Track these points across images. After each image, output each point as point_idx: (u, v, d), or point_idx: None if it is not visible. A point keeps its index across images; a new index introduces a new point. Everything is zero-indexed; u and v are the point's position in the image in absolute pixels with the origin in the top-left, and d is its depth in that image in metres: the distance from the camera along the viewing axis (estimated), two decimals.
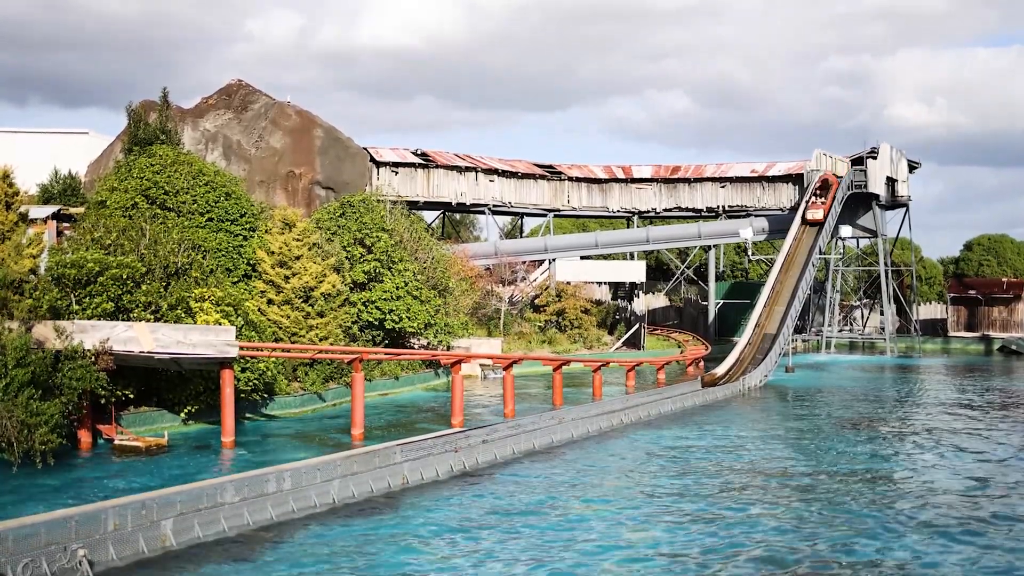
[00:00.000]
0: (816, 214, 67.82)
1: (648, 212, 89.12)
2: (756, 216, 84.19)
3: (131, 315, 35.34)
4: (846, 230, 79.97)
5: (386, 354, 46.37)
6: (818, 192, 76.89)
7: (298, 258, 45.80)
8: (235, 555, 20.28)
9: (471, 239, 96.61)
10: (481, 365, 57.35)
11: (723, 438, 36.70)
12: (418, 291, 52.17)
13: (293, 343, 43.57)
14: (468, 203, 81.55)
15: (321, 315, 45.74)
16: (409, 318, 51.04)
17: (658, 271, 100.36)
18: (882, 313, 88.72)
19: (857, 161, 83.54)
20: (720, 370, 54.63)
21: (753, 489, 27.44)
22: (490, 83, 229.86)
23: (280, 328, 44.26)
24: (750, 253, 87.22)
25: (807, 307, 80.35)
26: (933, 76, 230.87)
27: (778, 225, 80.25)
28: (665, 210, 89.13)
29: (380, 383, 48.79)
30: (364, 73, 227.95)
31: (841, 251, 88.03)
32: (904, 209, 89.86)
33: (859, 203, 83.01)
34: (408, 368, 51.82)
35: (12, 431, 27.83)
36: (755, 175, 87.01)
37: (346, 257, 49.94)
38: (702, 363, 64.02)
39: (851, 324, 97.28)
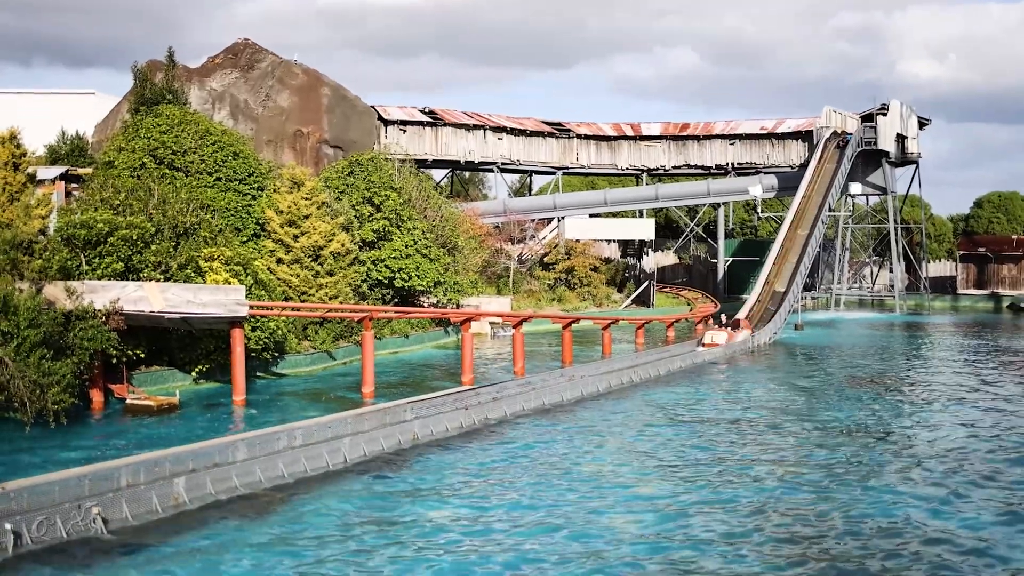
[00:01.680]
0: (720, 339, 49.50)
1: (657, 170, 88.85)
2: (765, 173, 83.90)
3: (141, 275, 35.40)
4: (856, 187, 79.68)
5: (396, 312, 46.46)
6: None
7: (307, 217, 45.78)
8: (248, 513, 20.42)
9: (480, 197, 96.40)
10: (491, 323, 57.44)
11: (732, 395, 36.78)
12: (427, 249, 52.15)
13: (303, 302, 43.65)
14: (477, 161, 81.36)
15: (331, 274, 45.78)
16: (419, 276, 51.06)
17: (667, 229, 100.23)
18: (891, 271, 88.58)
19: (867, 118, 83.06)
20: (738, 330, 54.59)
21: (762, 446, 27.52)
22: (496, 41, 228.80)
23: (290, 287, 44.34)
24: (759, 210, 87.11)
25: (816, 264, 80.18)
26: (944, 31, 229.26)
27: (787, 182, 79.98)
28: (674, 167, 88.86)
29: (390, 341, 48.91)
30: (370, 31, 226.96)
31: (851, 208, 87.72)
32: (914, 166, 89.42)
33: (869, 160, 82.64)
34: (418, 326, 51.92)
35: (25, 391, 27.98)
36: (764, 132, 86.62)
37: (355, 216, 49.90)
38: (711, 320, 64.04)
39: (860, 281, 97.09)
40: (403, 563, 17.57)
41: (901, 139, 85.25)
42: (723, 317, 50.76)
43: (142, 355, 35.41)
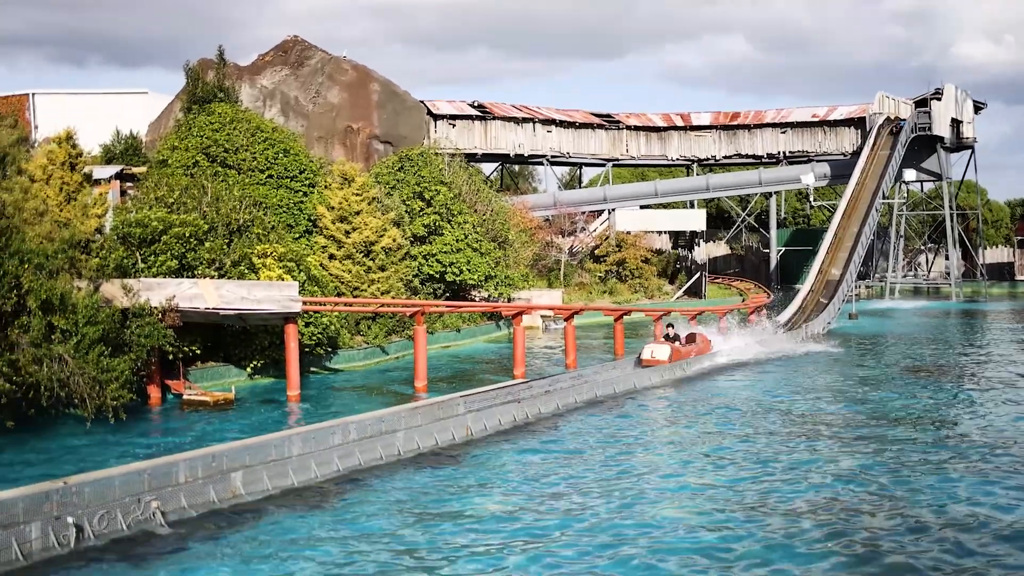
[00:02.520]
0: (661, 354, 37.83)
1: (708, 160, 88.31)
2: (818, 161, 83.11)
3: (195, 272, 35.82)
4: (910, 174, 78.70)
5: (447, 307, 46.60)
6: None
7: (358, 213, 46.04)
8: (303, 506, 20.60)
9: (530, 190, 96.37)
10: (542, 316, 57.43)
11: (786, 386, 36.51)
12: (478, 243, 52.24)
13: (355, 297, 43.91)
14: (526, 154, 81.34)
15: (382, 269, 46.01)
16: (469, 270, 51.16)
17: (719, 219, 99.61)
18: (947, 258, 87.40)
19: (921, 103, 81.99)
20: (782, 318, 54.22)
21: (818, 437, 27.29)
22: (545, 32, 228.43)
23: (342, 282, 44.64)
24: (812, 199, 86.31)
25: (870, 253, 79.32)
26: (999, 13, 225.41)
27: (840, 170, 79.18)
28: (725, 157, 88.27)
29: (442, 335, 49.07)
30: (417, 25, 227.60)
31: (905, 195, 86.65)
32: (970, 151, 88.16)
33: (923, 146, 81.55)
34: (469, 320, 52.03)
35: (84, 387, 28.42)
36: (816, 120, 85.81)
37: (406, 211, 50.10)
38: (764, 311, 63.61)
39: (915, 269, 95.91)
40: (456, 557, 17.64)
41: (956, 124, 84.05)
42: (670, 329, 40.25)
43: (198, 351, 35.84)
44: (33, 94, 68.95)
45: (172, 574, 16.78)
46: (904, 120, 78.59)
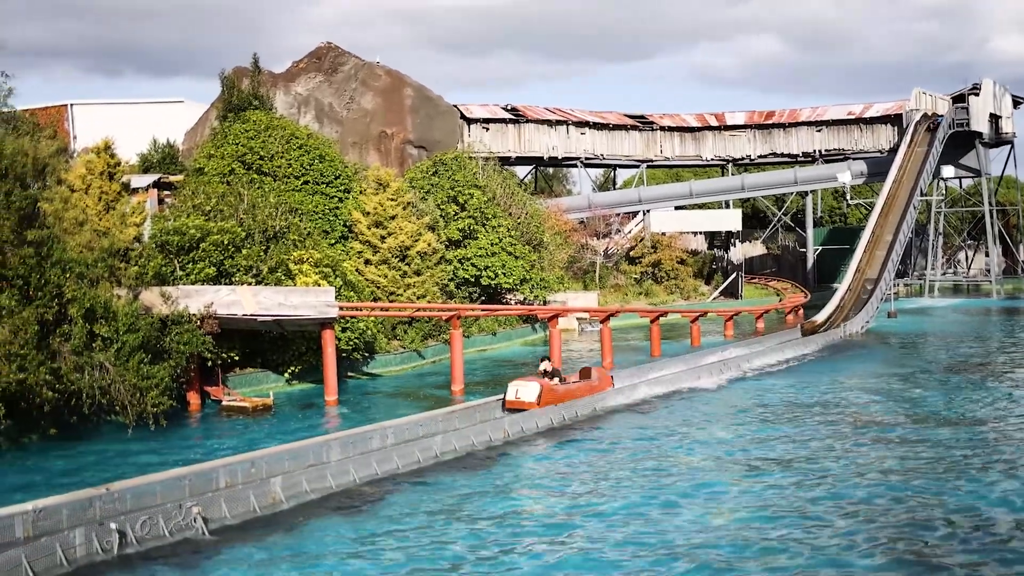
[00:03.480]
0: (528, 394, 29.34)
1: (742, 159, 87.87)
2: (854, 159, 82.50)
3: (233, 279, 36.07)
4: (948, 170, 77.93)
5: (483, 310, 46.69)
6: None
7: (393, 218, 46.20)
8: (343, 511, 20.67)
9: (564, 193, 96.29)
10: (578, 319, 57.39)
11: (825, 386, 36.23)
12: (513, 247, 52.27)
13: (391, 302, 44.06)
14: (560, 157, 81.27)
15: (418, 273, 46.15)
16: (504, 274, 51.21)
17: (754, 219, 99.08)
18: (987, 254, 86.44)
19: (958, 99, 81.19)
20: (820, 317, 53.87)
21: (858, 438, 27.08)
22: (575, 34, 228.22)
23: (378, 287, 44.81)
24: (848, 197, 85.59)
25: (909, 250, 78.62)
26: None
27: (877, 168, 78.51)
28: (760, 156, 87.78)
29: (478, 339, 49.13)
30: (448, 30, 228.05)
31: (943, 192, 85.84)
32: (1009, 146, 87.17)
33: (961, 142, 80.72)
34: (505, 324, 52.08)
35: (125, 395, 28.70)
36: (852, 117, 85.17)
37: (440, 215, 50.23)
38: (801, 311, 63.23)
39: (955, 267, 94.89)
40: (495, 559, 17.65)
41: (995, 119, 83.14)
42: (545, 365, 30.31)
43: (236, 358, 36.08)
44: (71, 105, 69.71)
45: None
46: (941, 116, 77.84)
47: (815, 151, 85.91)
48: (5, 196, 28.46)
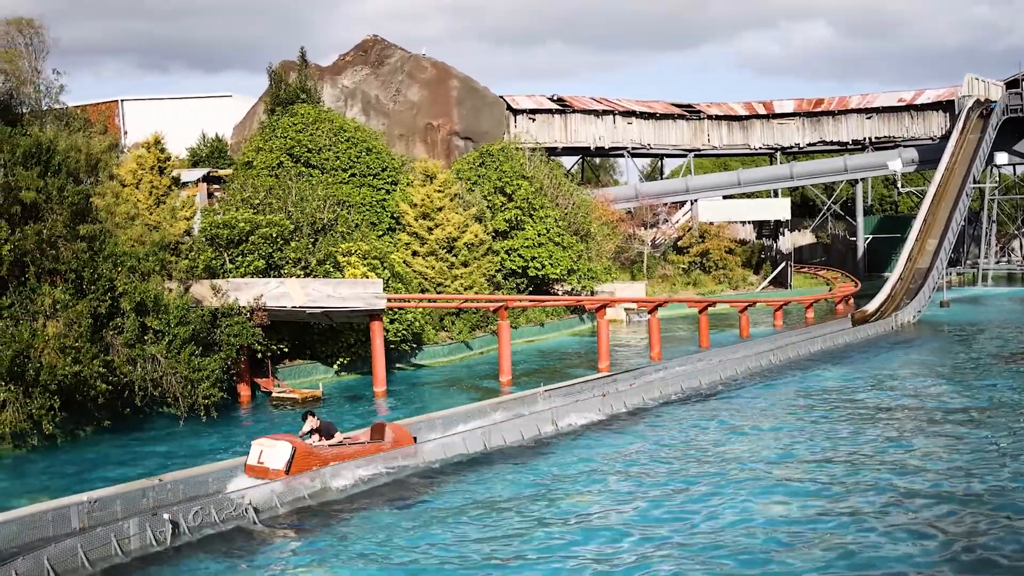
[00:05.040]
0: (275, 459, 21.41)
1: (791, 148, 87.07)
2: (905, 147, 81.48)
3: (282, 271, 36.35)
4: (1002, 157, 76.72)
5: (530, 301, 46.65)
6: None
7: (440, 209, 46.28)
8: (391, 501, 20.76)
9: (611, 183, 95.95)
10: (626, 309, 57.18)
11: (876, 376, 35.85)
12: (560, 237, 52.18)
13: (439, 293, 44.16)
14: (607, 147, 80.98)
15: (465, 265, 46.21)
16: (552, 264, 51.14)
17: (803, 207, 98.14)
18: None
19: (1012, 84, 79.83)
20: (871, 307, 53.31)
21: (911, 428, 26.79)
22: (621, 24, 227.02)
23: (425, 279, 44.93)
24: (899, 185, 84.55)
25: (961, 239, 77.46)
26: None
27: (929, 155, 77.47)
28: (809, 145, 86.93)
29: (525, 330, 49.12)
30: (494, 21, 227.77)
31: (997, 179, 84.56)
32: None
33: (1015, 128, 79.40)
34: (553, 314, 52.03)
35: (177, 386, 29.05)
36: (902, 104, 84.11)
37: (487, 206, 50.24)
38: (852, 300, 62.57)
39: (1009, 255, 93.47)
40: (542, 548, 17.64)
41: None
42: (312, 422, 22.52)
43: (286, 349, 36.38)
44: (122, 101, 70.46)
45: (265, 569, 17.03)
46: (995, 102, 76.59)
47: (865, 139, 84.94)
48: (58, 192, 28.86)
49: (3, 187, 27.67)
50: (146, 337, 29.14)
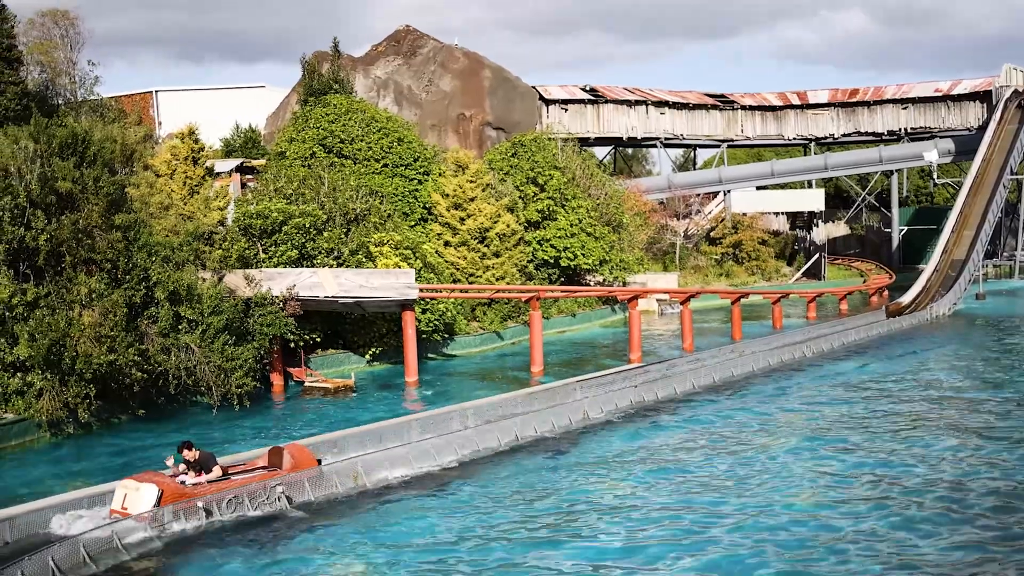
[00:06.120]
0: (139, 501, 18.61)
1: (825, 138, 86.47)
2: (941, 137, 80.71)
3: (314, 261, 36.49)
4: None
5: (562, 292, 46.62)
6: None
7: (472, 199, 46.30)
8: (423, 491, 20.81)
9: (643, 173, 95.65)
10: (658, 300, 57.06)
11: (910, 369, 35.57)
12: (592, 228, 52.10)
13: (470, 283, 44.20)
14: (639, 137, 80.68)
15: (497, 255, 46.21)
16: (584, 255, 51.07)
17: (837, 199, 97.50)
18: None
19: None
20: (906, 299, 52.89)
21: (945, 423, 26.55)
22: (657, 13, 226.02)
23: (457, 269, 44.99)
24: (935, 176, 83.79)
25: (998, 230, 76.58)
26: None
27: (965, 146, 76.71)
28: (843, 135, 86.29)
29: (557, 321, 49.09)
30: (528, 10, 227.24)
31: None
32: None
33: None
34: (585, 305, 51.96)
35: (210, 375, 29.25)
36: (939, 94, 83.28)
37: (519, 196, 50.20)
38: (886, 292, 62.17)
39: None
40: (575, 538, 17.64)
41: None
42: (188, 451, 19.51)
43: (318, 339, 36.53)
44: (156, 91, 70.84)
45: (297, 558, 17.11)
46: None
47: (900, 129, 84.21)
48: (94, 182, 29.07)
49: (40, 178, 27.91)
50: (180, 326, 29.35)
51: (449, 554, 17.10)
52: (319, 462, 20.90)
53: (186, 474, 19.16)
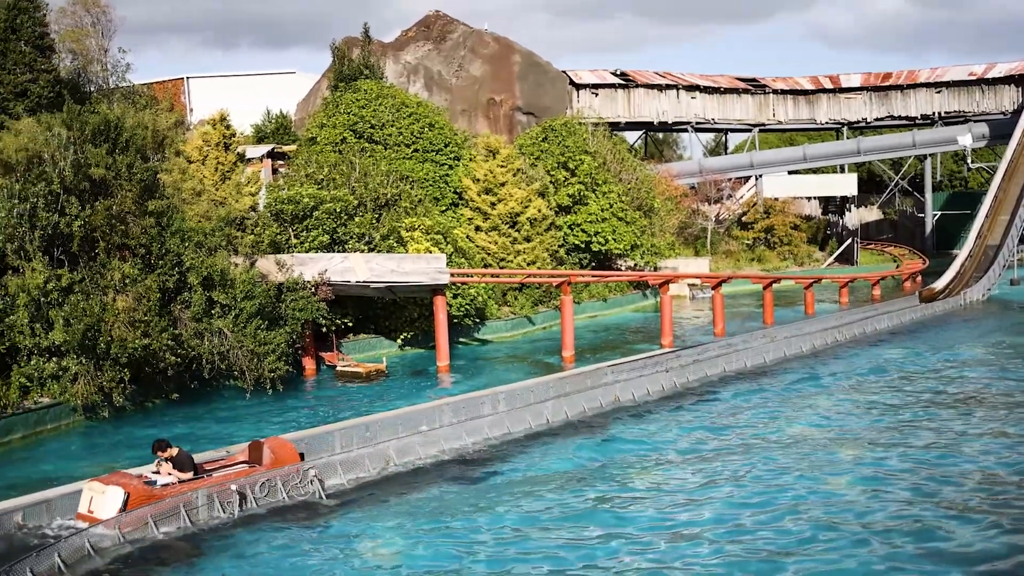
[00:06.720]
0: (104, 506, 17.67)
1: (858, 123, 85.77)
2: (975, 121, 79.91)
3: (346, 247, 36.58)
4: None
5: (593, 276, 46.54)
6: None
7: (503, 184, 46.26)
8: (454, 475, 20.85)
9: (674, 158, 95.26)
10: (689, 285, 56.86)
11: (944, 355, 35.28)
12: (623, 212, 51.95)
13: (501, 268, 44.21)
14: (670, 122, 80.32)
15: (528, 240, 46.18)
16: (615, 240, 50.94)
17: (870, 183, 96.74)
18: None
19: None
20: (939, 284, 52.46)
21: (979, 411, 26.34)
22: None
23: (488, 254, 44.99)
24: (969, 161, 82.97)
25: None
26: None
27: (1000, 130, 75.90)
28: (876, 119, 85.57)
29: (588, 305, 49.02)
30: None
31: None
32: None
33: None
34: (616, 290, 51.86)
35: (243, 360, 29.41)
36: (973, 78, 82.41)
37: (550, 181, 50.11)
38: (919, 277, 61.67)
39: None
40: (606, 524, 17.62)
41: None
42: (169, 452, 18.70)
43: (350, 324, 36.67)
44: (187, 78, 71.19)
45: (331, 542, 17.18)
46: None
47: (934, 113, 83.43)
48: (127, 168, 29.25)
49: (73, 164, 28.09)
50: (213, 311, 29.50)
51: (485, 536, 17.15)
52: (302, 457, 20.04)
53: (157, 473, 18.41)
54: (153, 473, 18.42)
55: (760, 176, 76.18)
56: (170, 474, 18.28)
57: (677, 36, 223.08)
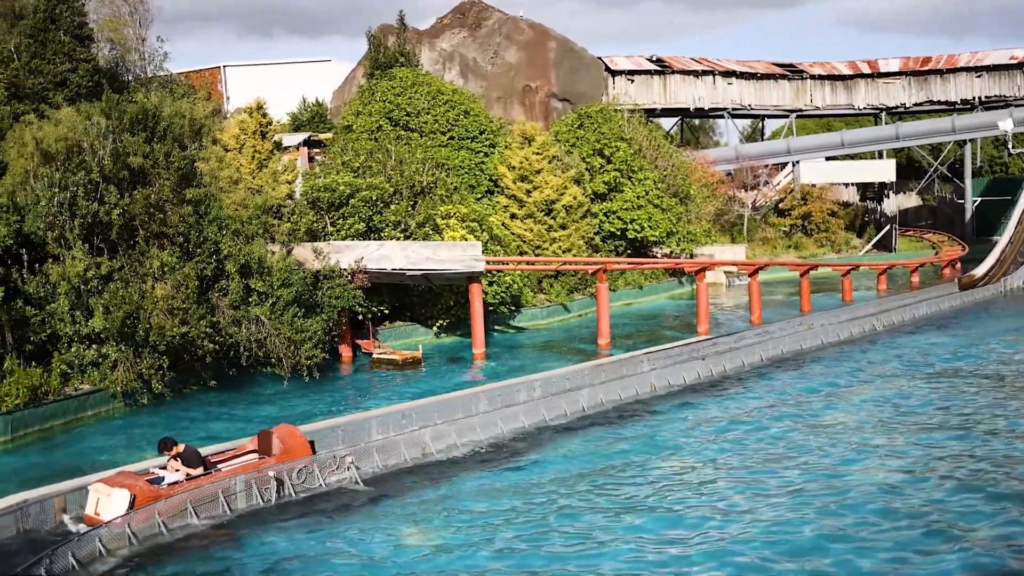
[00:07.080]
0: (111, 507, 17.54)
1: (896, 108, 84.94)
2: (1016, 106, 78.92)
3: (381, 234, 36.68)
4: None
5: (629, 264, 46.42)
6: None
7: (539, 172, 46.20)
8: (491, 462, 20.91)
9: (711, 144, 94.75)
10: (725, 272, 56.59)
11: (983, 343, 34.93)
12: (659, 199, 51.76)
13: (537, 256, 44.18)
14: (706, 108, 79.89)
15: (563, 227, 46.11)
16: (651, 227, 50.77)
17: (909, 169, 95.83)
18: None
19: None
20: (979, 271, 51.93)
21: (1020, 400, 26.07)
22: None
23: (524, 241, 44.97)
24: (1010, 146, 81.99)
25: None
26: None
27: None
28: (915, 105, 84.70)
29: (624, 293, 48.91)
30: None
31: None
32: None
33: None
34: (651, 277, 51.71)
35: (280, 347, 29.59)
36: (1015, 62, 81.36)
37: (586, 168, 49.99)
38: (959, 264, 61.06)
39: None
40: (641, 510, 17.62)
41: None
42: (178, 448, 18.43)
43: (386, 311, 36.79)
44: (224, 67, 71.46)
45: (367, 528, 17.28)
46: None
47: (974, 98, 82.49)
48: (165, 157, 29.46)
49: (112, 153, 28.33)
50: (250, 299, 29.69)
51: (521, 519, 17.19)
52: (312, 444, 19.69)
53: (164, 469, 18.24)
54: (160, 469, 18.33)
55: (797, 162, 75.64)
56: (178, 471, 18.18)
57: (709, 23, 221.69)
